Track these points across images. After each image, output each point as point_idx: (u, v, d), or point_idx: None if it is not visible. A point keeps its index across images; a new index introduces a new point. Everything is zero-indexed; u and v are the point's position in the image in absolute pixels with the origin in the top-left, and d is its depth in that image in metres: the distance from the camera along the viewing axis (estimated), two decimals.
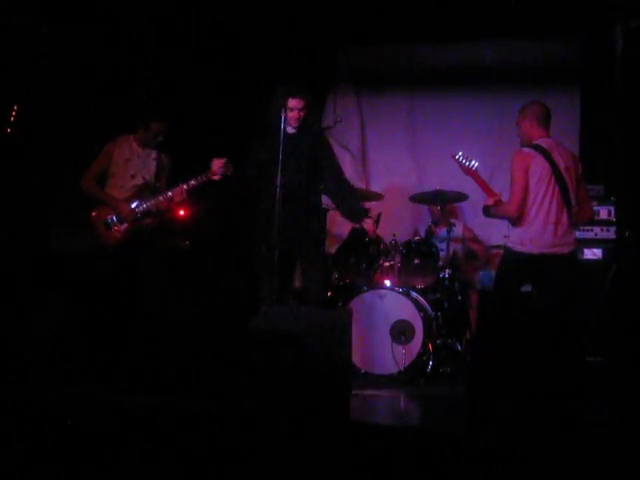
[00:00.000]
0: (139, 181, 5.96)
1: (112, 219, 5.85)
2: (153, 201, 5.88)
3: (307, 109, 5.44)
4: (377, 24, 7.07)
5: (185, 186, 5.75)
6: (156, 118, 5.99)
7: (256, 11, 6.83)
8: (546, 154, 5.10)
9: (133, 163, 5.99)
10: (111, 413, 3.80)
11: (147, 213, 5.92)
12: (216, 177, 5.64)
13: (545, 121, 5.24)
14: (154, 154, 6.05)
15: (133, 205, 5.88)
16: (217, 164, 5.51)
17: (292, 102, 5.37)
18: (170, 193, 5.80)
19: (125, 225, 5.85)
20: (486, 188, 5.30)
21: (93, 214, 5.88)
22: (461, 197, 6.80)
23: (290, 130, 5.42)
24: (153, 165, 6.02)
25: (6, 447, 3.64)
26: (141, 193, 5.93)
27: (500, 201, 5.24)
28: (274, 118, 5.36)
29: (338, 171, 5.63)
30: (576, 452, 3.38)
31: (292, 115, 5.37)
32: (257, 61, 7.26)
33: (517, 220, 5.15)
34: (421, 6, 6.70)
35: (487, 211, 5.32)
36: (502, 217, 5.33)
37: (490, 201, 5.26)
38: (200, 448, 3.62)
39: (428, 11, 6.77)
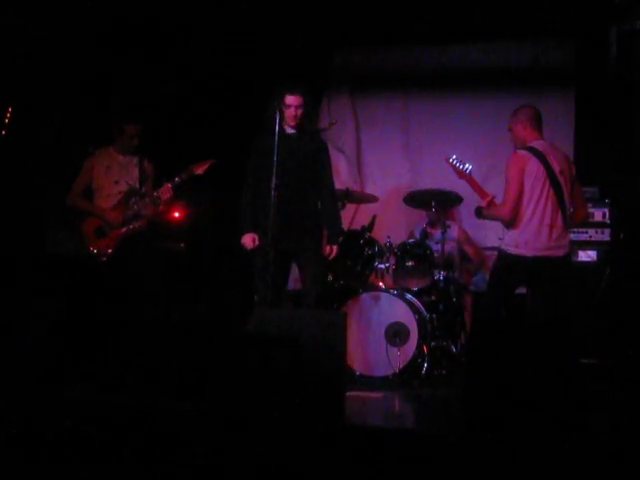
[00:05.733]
0: (123, 187, 5.96)
1: (102, 228, 5.87)
2: (141, 204, 5.89)
3: (305, 108, 5.42)
4: (372, 26, 7.07)
5: (170, 184, 5.79)
6: (128, 121, 5.99)
7: (251, 12, 6.83)
8: (541, 156, 5.10)
9: (114, 170, 6.00)
10: (105, 415, 3.79)
11: (135, 216, 5.93)
12: (199, 172, 5.70)
13: (537, 123, 5.25)
14: (135, 160, 6.06)
15: (120, 210, 5.89)
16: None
17: (289, 99, 5.35)
18: (156, 194, 5.84)
19: (115, 232, 5.87)
20: (480, 191, 5.31)
21: (84, 226, 5.90)
22: (456, 199, 6.79)
23: (289, 131, 5.42)
24: (135, 171, 6.02)
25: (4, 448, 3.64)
26: (128, 199, 5.94)
27: (493, 202, 5.24)
28: (271, 119, 5.35)
29: (330, 184, 5.61)
30: (572, 454, 3.39)
31: (289, 113, 5.35)
32: (252, 62, 7.25)
33: (511, 222, 5.15)
34: (416, 8, 6.70)
35: (480, 212, 5.33)
36: (496, 219, 5.34)
37: (483, 202, 5.27)
38: (194, 450, 3.62)
39: (423, 13, 6.77)
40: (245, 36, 7.11)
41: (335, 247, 5.52)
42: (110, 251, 5.86)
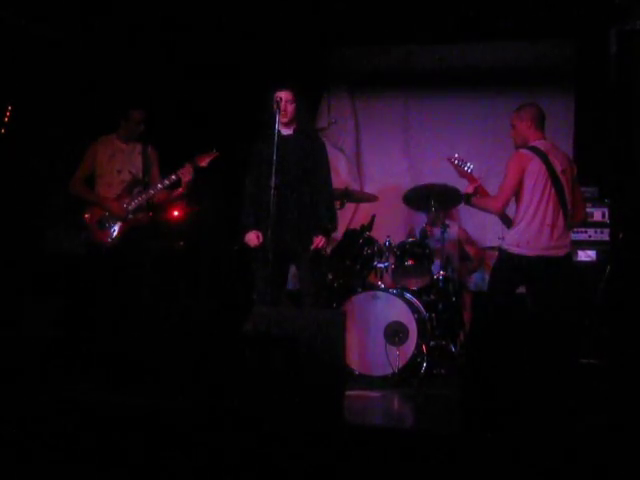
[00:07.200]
0: (126, 176, 5.92)
1: (104, 218, 5.84)
2: (144, 195, 5.86)
3: (296, 104, 5.43)
4: (371, 25, 7.07)
5: (191, 165, 5.71)
6: (135, 106, 5.96)
7: (250, 11, 6.83)
8: (543, 156, 5.10)
9: (117, 158, 5.95)
10: (104, 414, 3.79)
11: (139, 208, 5.90)
12: (202, 164, 5.71)
13: (541, 123, 5.24)
14: (139, 148, 5.99)
15: (123, 200, 5.86)
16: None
17: (278, 94, 5.36)
18: (174, 176, 5.77)
19: (118, 223, 5.84)
20: (481, 190, 5.31)
21: (86, 216, 5.87)
22: (456, 196, 6.75)
23: (286, 132, 5.42)
24: (139, 159, 5.95)
25: (3, 448, 3.64)
26: (131, 189, 5.91)
27: (482, 190, 5.25)
28: (268, 120, 5.37)
29: (327, 184, 5.59)
30: (570, 453, 3.39)
31: (280, 109, 5.34)
32: (250, 61, 7.25)
33: (502, 217, 5.18)
34: (415, 7, 6.70)
35: (467, 199, 5.32)
36: (484, 209, 5.34)
37: (470, 188, 5.27)
38: (193, 450, 3.62)
39: (423, 12, 6.77)
40: (246, 35, 7.12)
41: (323, 238, 5.48)
42: (114, 237, 5.82)
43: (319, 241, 5.44)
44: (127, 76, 6.86)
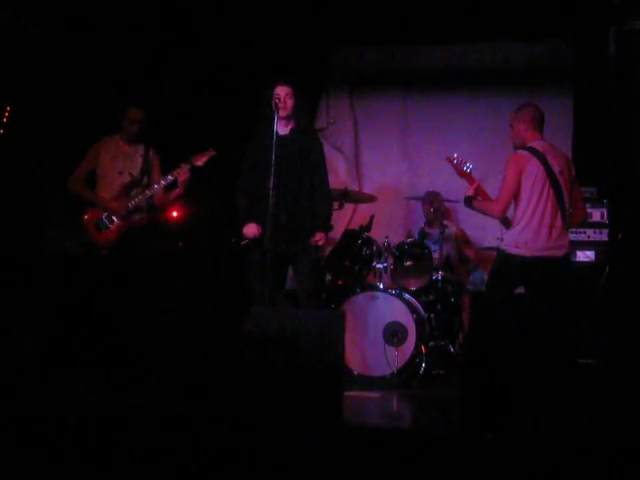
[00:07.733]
0: (126, 178, 5.92)
1: (103, 219, 5.84)
2: (141, 196, 5.86)
3: (295, 99, 5.42)
4: (370, 25, 7.08)
5: (187, 165, 5.71)
6: (132, 103, 5.96)
7: (249, 11, 6.83)
8: (541, 157, 5.11)
9: (119, 160, 5.95)
10: (104, 414, 3.80)
11: (137, 209, 5.89)
12: (199, 163, 5.70)
13: (539, 123, 5.25)
14: (141, 150, 6.00)
15: (122, 201, 5.85)
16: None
17: (277, 90, 5.37)
18: (171, 177, 5.77)
19: (116, 223, 5.84)
20: (481, 191, 5.32)
21: (85, 217, 5.86)
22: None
23: (283, 131, 5.42)
24: (139, 161, 5.96)
25: (3, 448, 3.64)
26: (129, 190, 5.91)
27: (482, 190, 5.26)
28: (265, 119, 5.36)
29: (324, 183, 5.59)
30: (570, 453, 3.39)
31: (279, 104, 5.34)
32: (249, 61, 7.25)
33: (503, 220, 5.18)
34: (415, 7, 6.71)
35: (469, 202, 5.33)
36: (485, 213, 5.35)
37: (470, 190, 5.28)
38: (191, 449, 3.62)
39: (422, 12, 6.78)
40: (245, 34, 7.12)
41: (323, 234, 5.47)
42: (112, 238, 5.81)
43: (319, 237, 5.44)
44: (127, 76, 6.86)
